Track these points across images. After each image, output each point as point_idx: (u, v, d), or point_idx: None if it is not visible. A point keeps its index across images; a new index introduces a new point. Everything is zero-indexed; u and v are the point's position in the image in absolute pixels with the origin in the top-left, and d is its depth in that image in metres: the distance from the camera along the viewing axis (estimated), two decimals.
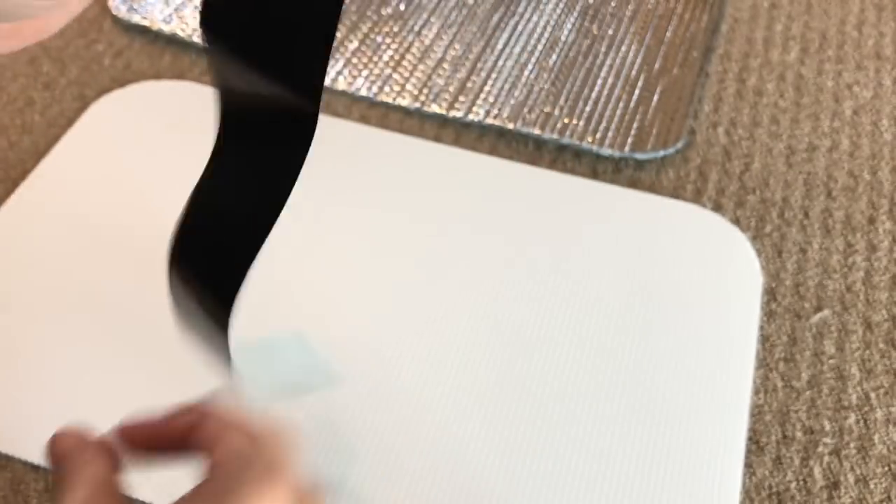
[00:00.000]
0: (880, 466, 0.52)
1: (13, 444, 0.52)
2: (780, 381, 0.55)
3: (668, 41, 0.76)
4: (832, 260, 0.61)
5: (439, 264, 0.60)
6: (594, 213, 0.63)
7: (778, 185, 0.66)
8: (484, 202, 0.64)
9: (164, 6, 0.79)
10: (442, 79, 0.73)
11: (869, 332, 0.57)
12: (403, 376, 0.55)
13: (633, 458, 0.51)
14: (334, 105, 0.72)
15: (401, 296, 0.58)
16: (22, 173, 0.67)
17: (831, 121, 0.70)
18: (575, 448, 0.52)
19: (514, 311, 0.58)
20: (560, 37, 0.77)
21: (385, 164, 0.67)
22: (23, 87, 0.73)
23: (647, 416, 0.53)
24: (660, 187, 0.66)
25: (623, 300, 0.58)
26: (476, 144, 0.69)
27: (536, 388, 0.54)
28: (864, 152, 0.68)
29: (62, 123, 0.70)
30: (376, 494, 0.50)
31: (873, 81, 0.73)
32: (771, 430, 0.53)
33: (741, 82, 0.73)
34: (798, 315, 0.58)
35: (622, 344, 0.56)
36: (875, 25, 0.78)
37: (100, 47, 0.77)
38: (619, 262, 0.60)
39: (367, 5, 0.80)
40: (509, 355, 0.55)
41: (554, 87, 0.72)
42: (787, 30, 0.77)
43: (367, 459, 0.51)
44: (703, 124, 0.70)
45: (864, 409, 0.54)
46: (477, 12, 0.79)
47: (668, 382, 0.54)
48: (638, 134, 0.68)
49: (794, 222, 0.63)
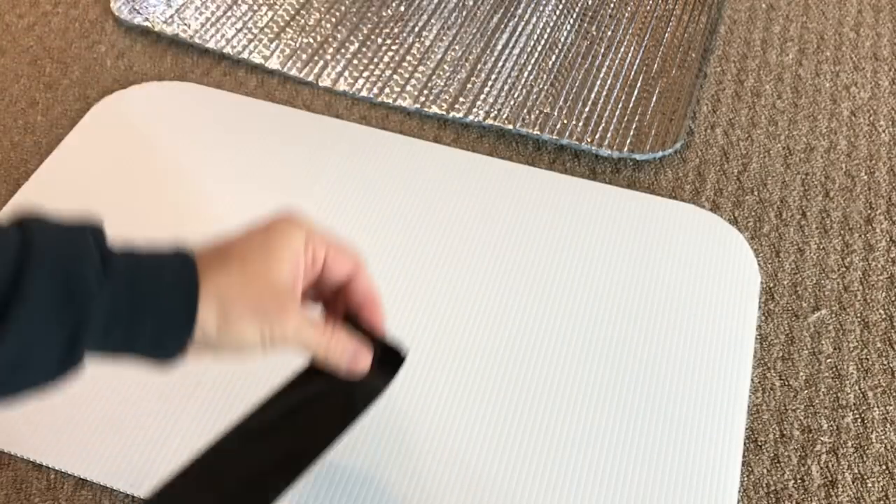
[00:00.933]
0: (878, 465, 0.52)
1: (15, 442, 0.52)
2: (777, 381, 0.56)
3: (667, 43, 0.76)
4: (830, 260, 0.61)
5: (438, 264, 0.61)
6: (593, 213, 0.64)
7: (776, 186, 0.66)
8: (483, 202, 0.64)
9: (166, 8, 0.79)
10: (442, 80, 0.73)
11: (866, 331, 0.58)
12: (402, 374, 0.55)
13: (632, 456, 0.51)
14: (335, 106, 0.72)
15: (400, 295, 0.59)
16: (24, 173, 0.67)
17: (829, 121, 0.70)
18: (574, 447, 0.52)
19: (511, 311, 0.58)
20: (559, 38, 0.77)
21: (385, 165, 0.67)
22: (25, 88, 0.74)
23: (646, 414, 0.53)
24: (658, 188, 0.66)
25: (621, 300, 0.58)
26: (476, 145, 0.69)
27: (533, 386, 0.54)
28: (861, 153, 0.68)
29: (64, 124, 0.71)
30: (380, 492, 0.50)
31: (871, 82, 0.73)
32: (769, 429, 0.53)
33: (739, 83, 0.73)
34: (796, 314, 0.59)
35: (621, 343, 0.56)
36: (872, 27, 0.78)
37: (102, 48, 0.77)
38: (618, 262, 0.60)
39: (367, 7, 0.80)
40: (507, 354, 0.56)
41: (553, 89, 0.73)
42: (785, 31, 0.78)
43: (369, 457, 0.51)
44: (702, 125, 0.70)
45: (861, 408, 0.54)
46: (477, 14, 0.80)
47: (667, 381, 0.54)
48: (636, 135, 0.68)
49: (791, 222, 0.64)
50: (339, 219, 0.63)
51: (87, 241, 0.36)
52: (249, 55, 0.75)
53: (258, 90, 0.73)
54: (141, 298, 0.36)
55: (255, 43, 0.76)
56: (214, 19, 0.78)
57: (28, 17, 0.80)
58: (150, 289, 0.37)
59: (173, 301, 0.37)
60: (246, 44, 0.76)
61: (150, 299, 0.37)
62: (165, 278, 0.37)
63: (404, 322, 0.57)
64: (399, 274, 0.60)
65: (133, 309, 0.36)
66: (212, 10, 0.79)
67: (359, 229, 0.63)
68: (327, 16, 0.79)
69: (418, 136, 0.70)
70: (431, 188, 0.65)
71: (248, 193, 0.65)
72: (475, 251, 0.61)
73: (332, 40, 0.77)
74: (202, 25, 0.78)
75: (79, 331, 0.35)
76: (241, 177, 0.66)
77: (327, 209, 0.64)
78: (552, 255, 0.61)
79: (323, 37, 0.77)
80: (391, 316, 0.58)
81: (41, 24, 0.79)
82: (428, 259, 0.61)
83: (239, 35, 0.77)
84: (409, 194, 0.65)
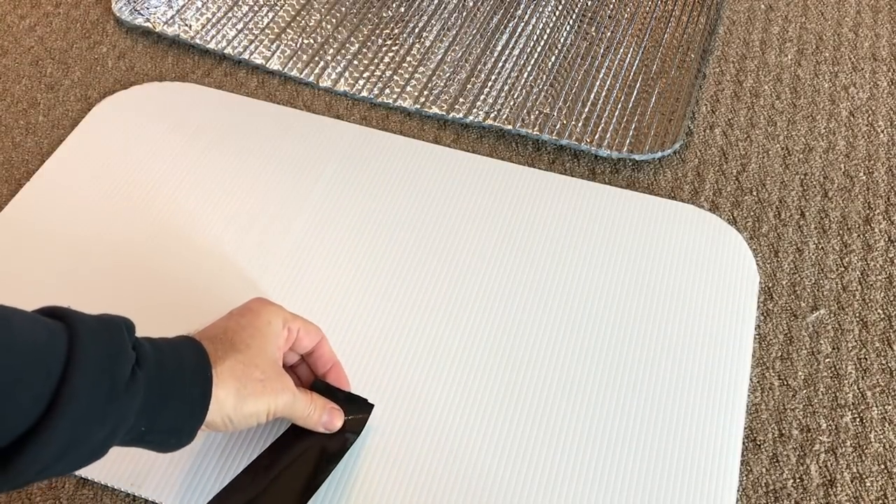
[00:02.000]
0: (876, 464, 0.52)
1: None
2: (776, 380, 0.56)
3: (666, 43, 0.77)
4: (828, 260, 0.62)
5: (438, 264, 0.61)
6: (592, 213, 0.64)
7: (774, 186, 0.66)
8: (483, 203, 0.64)
9: (167, 9, 0.79)
10: (442, 81, 0.73)
11: (865, 331, 0.58)
12: (404, 375, 0.55)
13: (631, 455, 0.51)
14: (336, 107, 0.72)
15: (400, 295, 0.59)
16: (26, 174, 0.67)
17: (827, 122, 0.70)
18: (574, 446, 0.52)
19: (510, 311, 0.58)
20: (559, 39, 0.77)
21: (386, 165, 0.67)
22: (27, 89, 0.74)
23: (645, 413, 0.53)
24: (657, 188, 0.66)
25: (621, 300, 0.58)
26: (476, 146, 0.69)
27: (531, 386, 0.54)
28: (860, 153, 0.68)
29: (66, 124, 0.71)
30: (382, 490, 0.50)
31: (869, 83, 0.73)
32: (768, 429, 0.54)
33: (738, 84, 0.74)
34: (794, 314, 0.59)
35: (620, 343, 0.56)
36: (871, 27, 0.78)
37: (103, 49, 0.77)
38: (617, 262, 0.61)
39: (367, 8, 0.81)
40: (506, 354, 0.56)
41: (552, 89, 0.73)
42: (784, 32, 0.78)
43: (369, 457, 0.52)
44: (701, 126, 0.70)
45: (860, 407, 0.55)
46: (476, 15, 0.80)
47: (666, 381, 0.54)
48: (636, 135, 0.69)
49: (790, 222, 0.64)
50: (339, 219, 0.63)
51: (123, 337, 0.40)
52: (250, 56, 0.75)
53: (259, 91, 0.73)
54: (169, 388, 0.41)
55: (256, 44, 0.77)
56: (215, 20, 0.79)
57: (29, 18, 0.80)
58: (175, 378, 0.41)
59: (194, 388, 0.42)
60: (247, 45, 0.76)
61: (176, 388, 0.41)
62: (186, 368, 0.42)
63: (405, 323, 0.57)
64: (399, 274, 0.60)
65: (161, 398, 0.40)
66: (213, 11, 0.79)
67: (359, 229, 0.63)
68: (328, 17, 0.80)
69: (418, 136, 0.70)
70: (431, 188, 0.65)
71: (249, 194, 0.65)
72: (475, 251, 0.61)
73: (332, 41, 0.77)
74: (203, 26, 0.78)
75: (117, 429, 0.38)
76: (242, 177, 0.66)
77: (327, 209, 0.64)
78: (551, 256, 0.61)
79: (323, 38, 0.78)
80: (390, 314, 0.58)
81: (42, 25, 0.80)
82: (428, 259, 0.61)
83: (240, 36, 0.77)
84: (409, 195, 0.65)
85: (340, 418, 0.50)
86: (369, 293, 0.59)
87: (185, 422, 0.42)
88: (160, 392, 0.40)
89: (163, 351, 0.42)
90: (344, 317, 0.58)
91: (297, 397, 0.47)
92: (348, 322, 0.57)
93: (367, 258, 0.61)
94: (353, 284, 0.59)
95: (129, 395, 0.38)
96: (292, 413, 0.47)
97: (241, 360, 0.44)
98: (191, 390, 0.41)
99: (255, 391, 0.44)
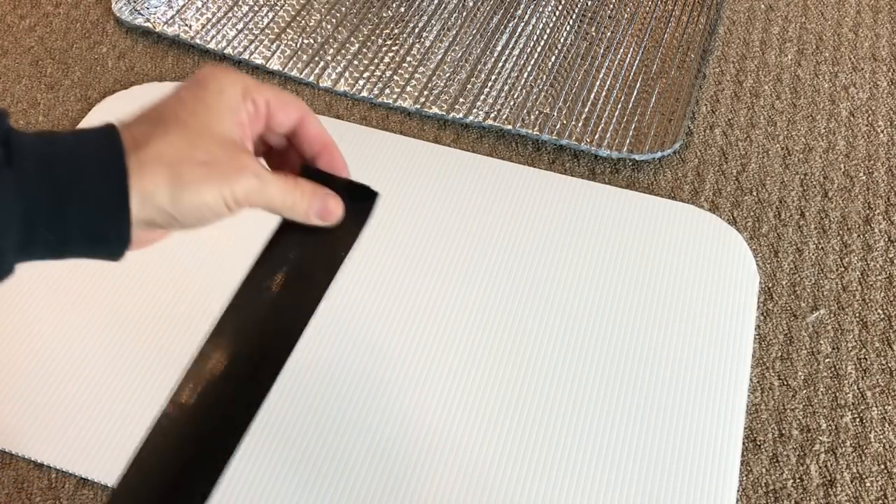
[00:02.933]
0: (876, 464, 0.52)
1: (16, 442, 0.53)
2: (776, 380, 0.56)
3: (666, 43, 0.77)
4: (828, 260, 0.62)
5: (438, 264, 0.61)
6: (592, 213, 0.64)
7: (774, 186, 0.66)
8: (483, 202, 0.64)
9: (167, 9, 0.79)
10: (442, 81, 0.73)
11: (864, 331, 0.58)
12: (404, 374, 0.55)
13: (631, 455, 0.51)
14: (336, 107, 0.72)
15: (400, 294, 0.59)
16: None
17: (827, 122, 0.70)
18: (573, 446, 0.52)
19: (510, 311, 0.58)
20: (558, 39, 0.77)
21: (386, 165, 0.67)
22: (27, 89, 0.74)
23: (645, 413, 0.53)
24: (657, 188, 0.66)
25: (620, 300, 0.58)
26: (476, 145, 0.69)
27: (531, 386, 0.55)
28: (859, 153, 0.68)
29: (66, 124, 0.71)
30: (382, 490, 0.50)
31: (869, 83, 0.73)
32: (767, 429, 0.54)
33: (738, 84, 0.74)
34: (794, 314, 0.59)
35: (620, 343, 0.56)
36: (871, 27, 0.78)
37: (103, 49, 0.77)
38: (617, 262, 0.61)
39: (367, 8, 0.81)
40: (506, 354, 0.56)
41: (552, 89, 0.73)
42: (784, 32, 0.78)
43: (370, 455, 0.52)
44: (700, 126, 0.70)
45: (860, 407, 0.55)
46: (476, 15, 0.80)
47: (666, 381, 0.55)
48: (635, 135, 0.69)
49: (790, 222, 0.64)
50: None
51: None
52: (250, 56, 0.75)
53: None
54: (64, 186, 0.33)
55: (256, 44, 0.77)
56: (215, 20, 0.79)
57: (30, 18, 0.80)
58: (71, 174, 0.33)
59: (98, 184, 0.34)
60: (247, 45, 0.76)
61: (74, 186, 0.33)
62: (86, 160, 0.34)
63: (405, 322, 0.57)
64: (399, 274, 0.60)
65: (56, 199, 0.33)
66: (213, 12, 0.79)
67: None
68: (328, 17, 0.80)
69: (418, 136, 0.70)
70: (431, 188, 0.65)
71: None
72: (475, 251, 0.61)
73: (332, 41, 0.77)
74: (203, 26, 0.78)
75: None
76: None
77: None
78: (551, 255, 0.61)
79: (323, 38, 0.78)
80: (390, 313, 0.58)
81: (42, 25, 0.80)
82: (428, 259, 0.61)
83: (240, 36, 0.77)
84: (409, 194, 0.65)
85: (338, 205, 0.41)
86: (368, 293, 0.59)
87: (102, 225, 0.34)
88: (55, 193, 0.33)
89: (54, 144, 0.34)
90: (343, 316, 0.58)
91: (268, 181, 0.37)
92: (347, 322, 0.57)
93: (367, 258, 0.61)
94: (352, 284, 0.59)
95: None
96: (268, 201, 0.38)
97: (172, 141, 0.35)
98: (95, 187, 0.33)
99: (198, 177, 0.35)
